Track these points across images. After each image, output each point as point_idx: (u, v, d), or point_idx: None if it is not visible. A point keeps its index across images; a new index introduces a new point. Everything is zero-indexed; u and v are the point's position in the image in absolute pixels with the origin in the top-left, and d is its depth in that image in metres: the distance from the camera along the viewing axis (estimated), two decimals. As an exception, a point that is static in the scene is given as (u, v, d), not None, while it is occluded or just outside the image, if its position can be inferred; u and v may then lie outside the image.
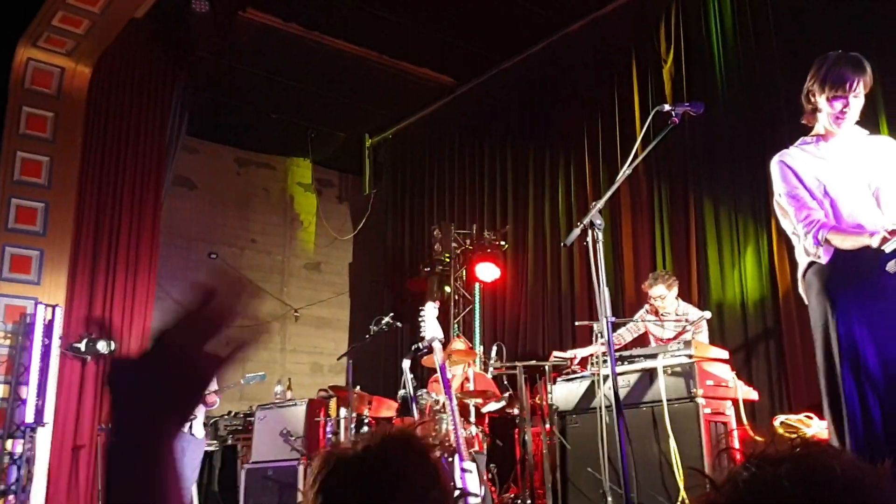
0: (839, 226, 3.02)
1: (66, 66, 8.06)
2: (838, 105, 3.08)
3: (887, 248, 2.74)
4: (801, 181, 3.13)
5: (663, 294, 5.99)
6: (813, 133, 3.25)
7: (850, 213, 3.05)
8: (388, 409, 6.87)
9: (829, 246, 2.98)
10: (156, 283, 8.40)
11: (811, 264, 3.09)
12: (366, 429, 6.71)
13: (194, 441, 6.71)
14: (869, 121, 5.81)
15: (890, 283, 2.88)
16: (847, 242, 2.94)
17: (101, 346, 7.44)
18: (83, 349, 7.41)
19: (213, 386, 6.85)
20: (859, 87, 3.07)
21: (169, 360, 1.05)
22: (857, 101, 3.10)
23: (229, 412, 8.61)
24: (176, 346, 1.05)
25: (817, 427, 4.71)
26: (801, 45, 6.44)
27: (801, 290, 3.22)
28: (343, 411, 6.76)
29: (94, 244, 7.92)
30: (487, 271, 8.67)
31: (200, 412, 6.81)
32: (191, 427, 6.66)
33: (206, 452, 7.10)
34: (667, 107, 3.39)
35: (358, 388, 6.76)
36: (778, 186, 3.21)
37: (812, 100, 3.16)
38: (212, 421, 8.49)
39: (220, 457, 8.14)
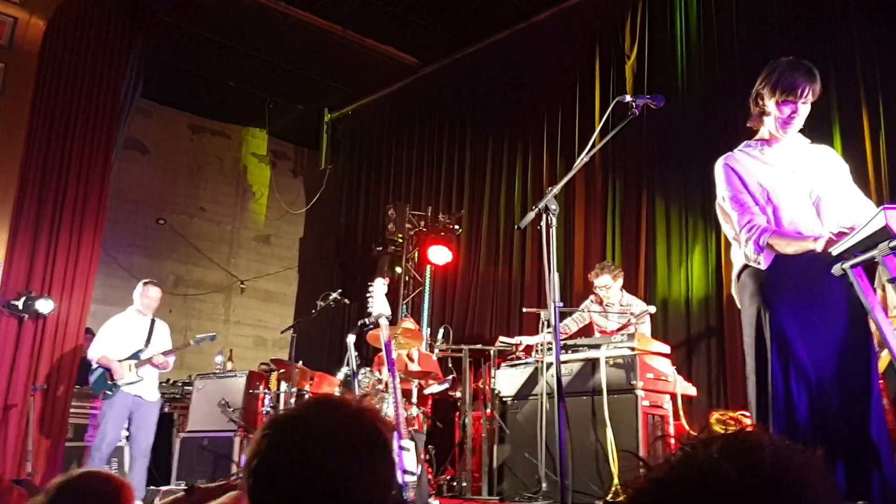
0: (781, 230, 3.04)
1: (20, 16, 7.78)
2: (787, 110, 3.10)
3: (834, 251, 2.80)
4: (745, 185, 3.14)
5: (608, 284, 6.07)
6: (757, 137, 3.27)
7: (791, 221, 3.08)
8: (330, 385, 6.83)
9: (770, 251, 3.00)
10: (101, 245, 8.21)
11: (745, 267, 3.12)
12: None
13: (145, 404, 6.60)
14: (822, 130, 5.96)
15: (823, 289, 2.94)
16: (791, 247, 2.97)
17: (41, 305, 7.25)
18: (20, 307, 7.21)
19: (165, 346, 6.76)
20: (809, 94, 3.10)
21: None
22: (805, 108, 3.13)
23: (168, 380, 8.49)
24: None
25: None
26: (762, 49, 6.53)
27: (734, 291, 3.26)
28: (283, 385, 6.71)
29: (38, 202, 7.69)
30: (440, 254, 8.67)
31: (152, 375, 6.68)
32: (137, 391, 6.52)
33: (159, 421, 6.98)
34: (628, 98, 3.40)
35: (300, 363, 6.72)
36: (721, 189, 3.22)
37: (760, 103, 3.18)
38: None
39: (156, 424, 8.00)
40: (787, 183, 3.14)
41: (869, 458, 2.83)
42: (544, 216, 3.14)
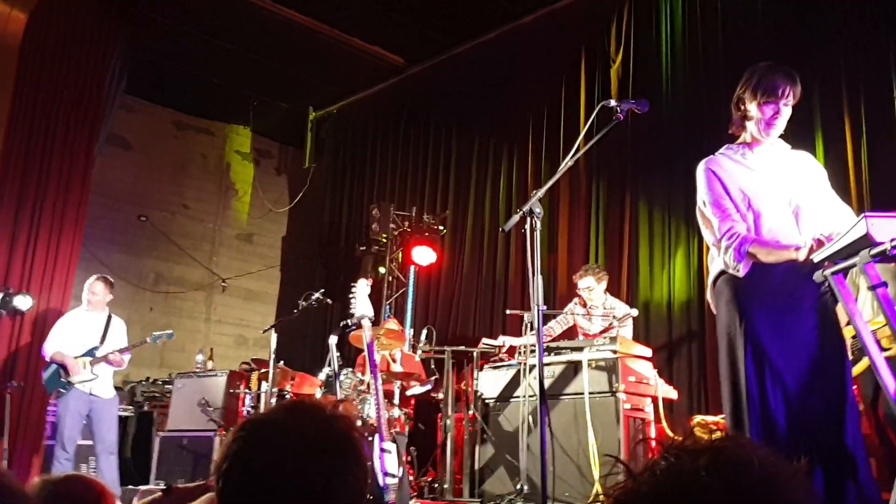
0: (761, 239, 3.04)
1: (1, 9, 7.71)
2: (769, 111, 3.12)
3: (815, 258, 2.81)
4: (726, 190, 3.13)
5: (592, 286, 6.09)
6: (739, 141, 3.27)
7: (770, 229, 3.08)
8: (311, 385, 6.80)
9: (749, 260, 3.00)
10: (81, 241, 8.14)
11: (722, 273, 3.12)
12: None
13: (101, 402, 6.48)
14: (805, 136, 6.01)
15: (798, 298, 2.96)
16: (771, 256, 2.97)
17: (19, 302, 7.17)
18: (-2, 303, 7.14)
19: (120, 343, 6.65)
20: (790, 95, 3.12)
21: None
22: (786, 109, 3.14)
23: (147, 378, 8.43)
24: None
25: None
26: (747, 55, 6.56)
27: (709, 297, 3.26)
28: (264, 385, 6.67)
29: (18, 197, 7.62)
30: (424, 255, 8.66)
31: (107, 372, 6.59)
32: (91, 389, 6.42)
33: (120, 418, 6.89)
34: (612, 102, 3.41)
35: (282, 362, 6.69)
36: (702, 194, 3.20)
37: (742, 107, 3.18)
38: (129, 386, 8.29)
39: (135, 423, 7.95)
40: (769, 189, 3.15)
41: (846, 467, 2.84)
42: (529, 219, 3.14)
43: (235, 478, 1.28)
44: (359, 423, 5.12)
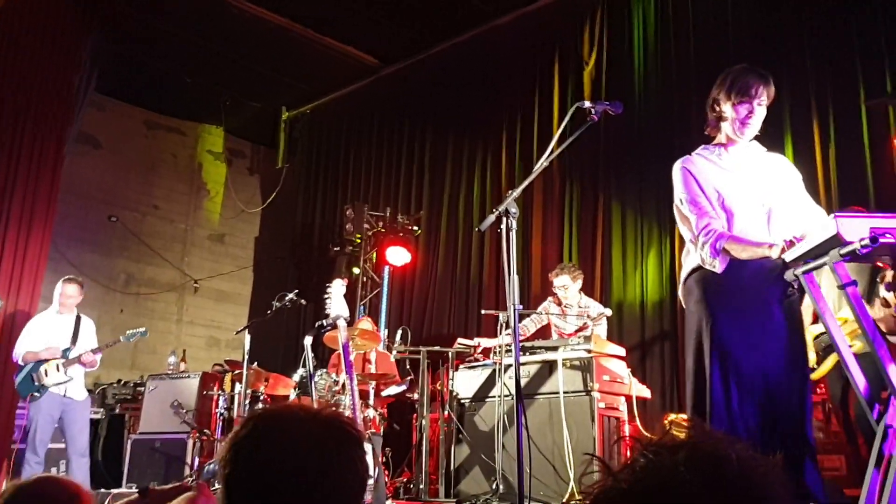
0: (736, 236, 3.10)
1: (-33, 4, 7.59)
2: (743, 110, 3.18)
3: (786, 258, 2.86)
4: (702, 189, 3.20)
5: (567, 284, 6.14)
6: (715, 142, 3.33)
7: (742, 230, 3.14)
8: (286, 387, 6.77)
9: (725, 256, 3.06)
10: (50, 241, 8.03)
11: (694, 271, 3.19)
12: (260, 406, 6.61)
13: (74, 404, 6.40)
14: (775, 138, 6.08)
15: (766, 298, 3.03)
16: (746, 252, 3.03)
17: (-14, 304, 7.07)
18: (-36, 305, 7.02)
19: (91, 344, 6.56)
20: (763, 95, 3.18)
21: None
22: (760, 109, 3.20)
23: (119, 380, 8.34)
24: None
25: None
26: (718, 58, 6.65)
27: (681, 293, 3.32)
28: (238, 387, 6.62)
29: (-16, 195, 7.51)
30: (398, 255, 8.65)
31: (78, 373, 6.50)
32: (66, 391, 6.35)
33: (91, 420, 6.80)
34: (587, 104, 3.43)
35: (255, 364, 6.64)
36: (679, 192, 3.27)
37: (717, 108, 3.25)
38: (100, 388, 8.19)
39: (107, 426, 7.86)
40: (742, 189, 3.20)
41: (810, 458, 2.92)
42: (504, 219, 3.15)
43: (239, 471, 1.30)
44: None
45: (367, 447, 4.56)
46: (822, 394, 4.98)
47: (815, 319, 4.53)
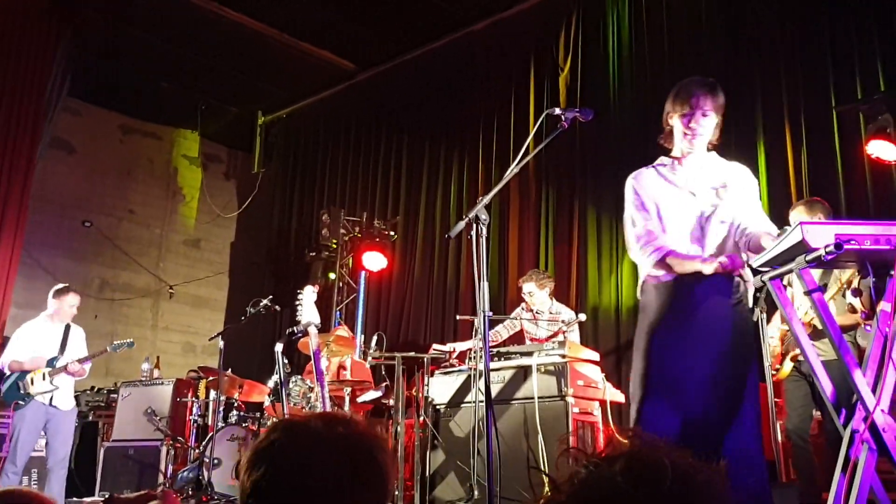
0: (674, 251, 3.16)
1: (-63, 8, 7.50)
2: (687, 121, 3.21)
3: (754, 264, 2.92)
4: (642, 203, 3.27)
5: (533, 291, 6.16)
6: (671, 154, 3.36)
7: (670, 243, 3.19)
8: (260, 393, 6.73)
9: (661, 267, 3.16)
10: (21, 247, 7.94)
11: (647, 279, 3.25)
12: (234, 413, 6.56)
13: (60, 413, 6.32)
14: (747, 144, 6.15)
15: (711, 309, 3.06)
16: (681, 267, 3.11)
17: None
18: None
19: (80, 353, 6.49)
20: (708, 105, 3.19)
21: None
22: (707, 120, 3.21)
23: (92, 387, 8.24)
24: None
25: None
26: (691, 64, 6.72)
27: (639, 297, 3.37)
28: (212, 393, 6.58)
29: (-46, 201, 7.41)
30: (374, 260, 8.63)
31: (66, 383, 6.42)
32: (51, 399, 6.28)
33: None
34: (557, 110, 3.45)
35: (230, 370, 6.60)
36: (627, 205, 3.36)
37: (668, 120, 3.30)
38: (74, 395, 8.09)
39: (80, 433, 7.76)
40: (681, 204, 3.24)
41: (739, 472, 2.93)
42: (475, 226, 3.15)
43: (271, 471, 1.31)
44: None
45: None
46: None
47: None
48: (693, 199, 3.22)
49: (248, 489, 1.32)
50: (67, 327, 6.58)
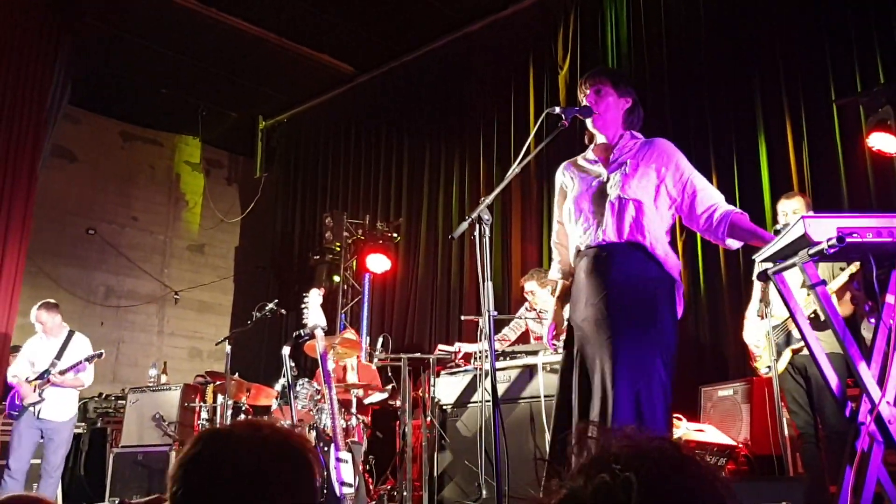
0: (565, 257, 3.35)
1: (-63, 18, 7.52)
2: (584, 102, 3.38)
3: (757, 258, 2.98)
4: (560, 199, 3.45)
5: (535, 290, 6.17)
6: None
7: (574, 231, 3.30)
8: (267, 397, 6.75)
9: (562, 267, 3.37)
10: (26, 256, 7.96)
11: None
12: (242, 416, 6.59)
13: (52, 424, 6.35)
14: (749, 139, 6.15)
15: (592, 294, 3.09)
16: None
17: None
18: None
19: (76, 359, 6.52)
20: (587, 84, 3.43)
21: None
22: (590, 98, 3.38)
23: (100, 394, 8.28)
24: None
25: (684, 428, 4.92)
26: (689, 61, 6.73)
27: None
28: (220, 398, 6.60)
29: (-42, 211, 7.43)
30: (378, 262, 8.64)
31: (58, 393, 6.43)
32: (38, 413, 6.29)
33: (73, 435, 6.76)
34: (557, 109, 3.45)
35: (237, 374, 6.63)
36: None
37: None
38: (81, 402, 8.12)
39: (88, 440, 7.80)
40: (589, 189, 3.29)
41: None
42: (477, 226, 3.16)
43: (192, 484, 1.31)
44: (313, 433, 5.10)
45: (347, 456, 4.56)
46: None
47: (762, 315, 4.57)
48: (601, 183, 3.33)
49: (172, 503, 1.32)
50: (69, 337, 6.63)
